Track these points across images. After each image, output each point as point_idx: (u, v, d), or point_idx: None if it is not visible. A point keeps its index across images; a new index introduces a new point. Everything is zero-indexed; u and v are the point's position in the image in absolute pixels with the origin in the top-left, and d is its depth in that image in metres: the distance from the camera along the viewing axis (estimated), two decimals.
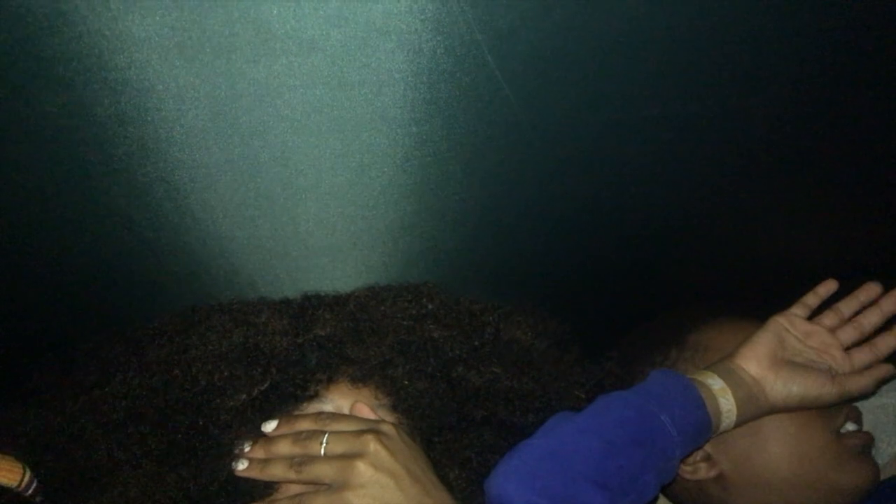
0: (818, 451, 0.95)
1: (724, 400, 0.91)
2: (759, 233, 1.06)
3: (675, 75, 0.79)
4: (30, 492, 0.83)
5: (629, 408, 0.88)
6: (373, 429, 0.81)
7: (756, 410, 0.94)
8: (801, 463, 0.95)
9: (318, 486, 0.80)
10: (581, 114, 0.80)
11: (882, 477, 1.02)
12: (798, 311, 0.99)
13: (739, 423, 0.93)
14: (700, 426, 0.90)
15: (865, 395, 0.98)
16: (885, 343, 0.97)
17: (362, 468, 0.77)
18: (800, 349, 0.97)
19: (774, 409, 0.94)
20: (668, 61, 0.77)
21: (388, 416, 0.88)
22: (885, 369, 0.96)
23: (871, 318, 0.98)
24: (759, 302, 1.02)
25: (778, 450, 0.96)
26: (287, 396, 0.87)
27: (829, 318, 0.99)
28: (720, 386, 0.92)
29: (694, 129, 0.87)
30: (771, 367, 0.94)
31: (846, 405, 0.99)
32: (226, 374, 0.85)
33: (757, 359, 0.94)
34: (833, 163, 0.98)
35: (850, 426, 0.98)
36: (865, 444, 0.98)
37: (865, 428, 1.04)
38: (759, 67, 0.82)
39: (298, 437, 0.82)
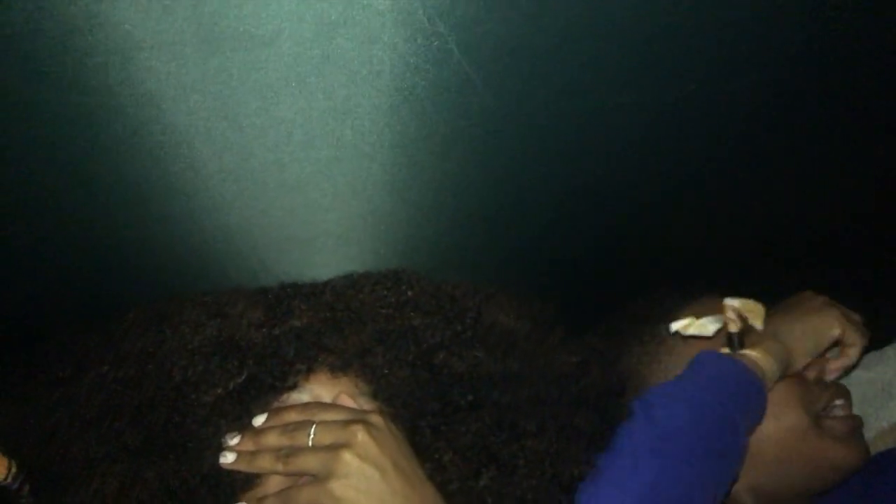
0: (799, 436, 0.95)
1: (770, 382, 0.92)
2: (736, 217, 1.06)
3: (647, 62, 0.78)
4: (17, 485, 0.82)
5: (712, 414, 0.87)
6: (361, 419, 0.80)
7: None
8: (784, 446, 0.95)
9: (305, 477, 0.79)
10: (551, 101, 0.79)
11: (872, 451, 1.02)
12: None
13: None
14: (759, 418, 0.91)
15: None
16: None
17: (348, 458, 0.76)
18: None
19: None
20: (640, 48, 0.76)
21: (369, 405, 0.87)
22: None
23: None
24: (737, 284, 1.01)
25: (765, 433, 0.95)
26: (265, 388, 0.85)
27: None
28: (773, 370, 0.92)
29: (668, 117, 0.86)
30: None
31: (828, 388, 0.98)
32: (200, 368, 0.84)
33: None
34: (811, 147, 0.97)
35: (838, 402, 0.98)
36: (852, 428, 0.97)
37: (854, 402, 1.04)
38: (735, 53, 0.81)
39: (286, 428, 0.81)
